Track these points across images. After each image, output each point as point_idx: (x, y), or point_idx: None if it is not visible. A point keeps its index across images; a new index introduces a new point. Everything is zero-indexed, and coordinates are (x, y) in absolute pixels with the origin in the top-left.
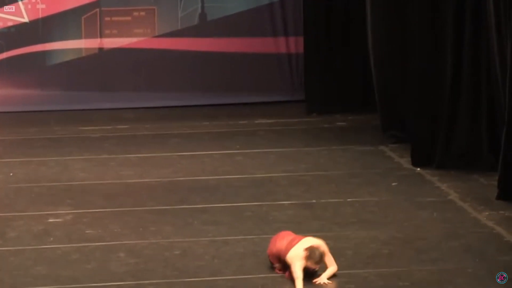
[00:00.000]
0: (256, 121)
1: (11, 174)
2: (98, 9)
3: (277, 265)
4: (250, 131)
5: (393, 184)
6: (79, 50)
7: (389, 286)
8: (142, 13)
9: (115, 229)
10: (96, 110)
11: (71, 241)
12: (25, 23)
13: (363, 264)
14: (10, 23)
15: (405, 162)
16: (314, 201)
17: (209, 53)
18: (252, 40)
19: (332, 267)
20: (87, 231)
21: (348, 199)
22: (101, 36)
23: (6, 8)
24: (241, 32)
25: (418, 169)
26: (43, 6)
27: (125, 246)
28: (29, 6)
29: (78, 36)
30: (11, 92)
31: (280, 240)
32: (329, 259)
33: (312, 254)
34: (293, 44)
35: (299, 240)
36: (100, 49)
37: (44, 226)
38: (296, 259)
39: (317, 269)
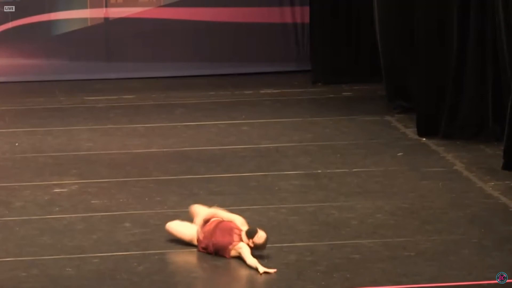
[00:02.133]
0: (262, 91)
1: (16, 144)
2: None
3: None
4: (256, 101)
5: (399, 154)
6: (85, 19)
7: (395, 256)
8: None
9: (120, 199)
10: (101, 80)
11: (77, 211)
12: None
13: (368, 234)
14: None
15: (411, 132)
16: (319, 171)
17: (215, 23)
18: (258, 9)
19: (252, 261)
20: (92, 201)
21: (354, 169)
22: (106, 6)
23: (6, 7)
24: (247, 1)
25: (424, 139)
26: None
27: (130, 216)
28: None
29: (84, 6)
30: (17, 62)
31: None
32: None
33: (257, 239)
34: (299, 14)
35: (232, 228)
36: (106, 18)
37: (50, 196)
38: (244, 249)
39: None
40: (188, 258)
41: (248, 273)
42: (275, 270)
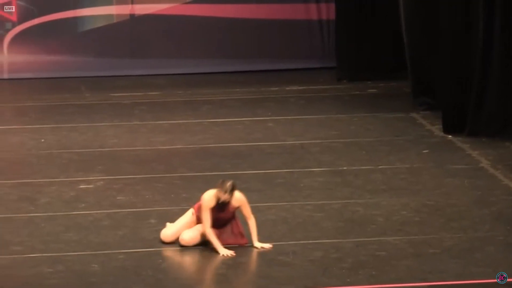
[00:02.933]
0: (287, 88)
1: (42, 140)
2: None
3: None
4: (281, 98)
5: (424, 151)
6: (110, 16)
7: (420, 253)
8: None
9: (146, 196)
10: (127, 76)
11: (102, 207)
12: None
13: (393, 231)
14: None
15: (436, 129)
16: (345, 168)
17: (240, 20)
18: (283, 6)
19: (252, 222)
20: (118, 198)
21: (379, 166)
22: (132, 3)
23: (6, 8)
24: None
25: (450, 136)
26: None
27: (156, 212)
28: None
29: (110, 3)
30: (42, 58)
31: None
32: (247, 210)
33: (222, 184)
34: (325, 11)
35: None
36: (131, 15)
37: (76, 192)
38: (204, 202)
39: (227, 200)
40: (213, 255)
41: (273, 270)
42: (270, 246)
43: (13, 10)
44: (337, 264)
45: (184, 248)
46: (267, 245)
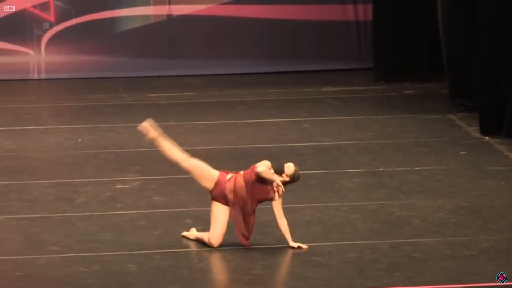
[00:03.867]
0: (323, 89)
1: (79, 140)
2: None
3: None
4: (317, 99)
5: (461, 152)
6: (148, 17)
7: (456, 255)
8: None
9: (182, 196)
10: (163, 77)
11: (138, 208)
12: None
13: (429, 233)
14: None
15: (473, 130)
16: (381, 169)
17: (277, 20)
18: (320, 7)
19: (284, 222)
20: (154, 198)
21: (415, 168)
22: (169, 3)
23: (6, 8)
24: None
25: (487, 137)
26: None
27: (192, 212)
28: None
29: (147, 3)
30: (79, 58)
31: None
32: (281, 207)
33: (288, 171)
34: (362, 12)
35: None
36: (169, 15)
37: (112, 193)
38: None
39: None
40: (249, 255)
41: (308, 271)
42: (306, 246)
43: (13, 10)
44: (372, 265)
45: (220, 248)
46: (304, 246)
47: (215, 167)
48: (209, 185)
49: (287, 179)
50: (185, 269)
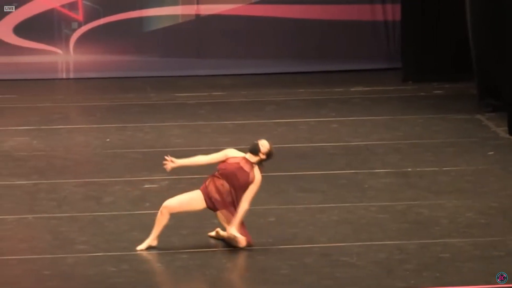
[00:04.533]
0: (352, 89)
1: (107, 139)
2: None
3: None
4: (346, 99)
5: (489, 153)
6: (176, 16)
7: (485, 256)
8: None
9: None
10: (192, 76)
11: None
12: None
13: (458, 233)
14: None
15: (502, 131)
16: (409, 169)
17: (305, 20)
18: (349, 7)
19: (243, 207)
20: None
21: (444, 168)
22: (198, 3)
23: (6, 7)
24: None
25: None
26: None
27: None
28: None
29: (175, 3)
30: (108, 58)
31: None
32: (250, 193)
33: (263, 149)
34: (390, 12)
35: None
36: (197, 15)
37: (140, 192)
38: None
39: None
40: (277, 255)
41: (337, 271)
42: (244, 242)
43: (13, 9)
44: (401, 265)
45: (248, 248)
46: (241, 237)
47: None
48: (202, 204)
49: (264, 157)
50: (213, 269)
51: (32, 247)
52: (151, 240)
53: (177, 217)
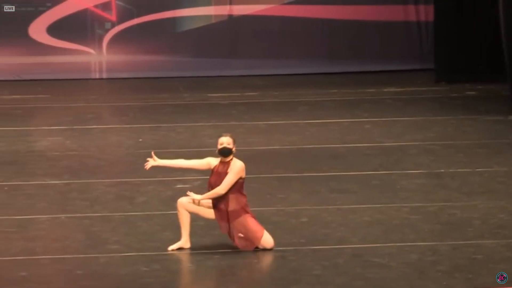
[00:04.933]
0: (385, 89)
1: (140, 139)
2: None
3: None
4: (379, 99)
5: None
6: (209, 16)
7: None
8: None
9: None
10: (225, 76)
11: None
12: None
13: (490, 235)
14: None
15: None
16: (442, 170)
17: (338, 21)
18: (381, 8)
19: (217, 190)
20: None
21: (477, 169)
22: (230, 3)
23: (6, 7)
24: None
25: None
26: None
27: (252, 212)
28: None
29: (208, 3)
30: (141, 58)
31: None
32: (228, 178)
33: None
34: (423, 12)
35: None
36: (230, 16)
37: (172, 192)
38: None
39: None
40: (309, 255)
41: (369, 272)
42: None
43: (13, 9)
44: (433, 267)
45: (280, 248)
46: (195, 196)
47: (276, 167)
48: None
49: (234, 147)
50: (245, 269)
51: (64, 246)
52: (184, 242)
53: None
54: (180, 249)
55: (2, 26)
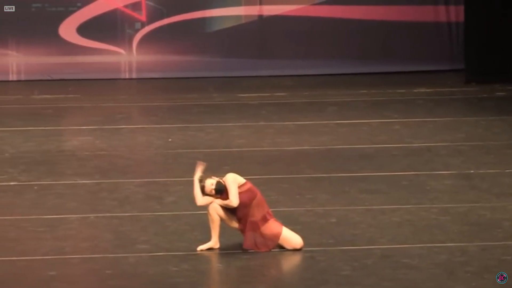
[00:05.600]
0: (414, 90)
1: (169, 139)
2: None
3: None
4: (408, 100)
5: None
6: (239, 17)
7: None
8: None
9: (271, 196)
10: (254, 77)
11: None
12: None
13: None
14: None
15: None
16: (471, 171)
17: (368, 21)
18: (412, 8)
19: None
20: None
21: (506, 170)
22: (260, 4)
23: (6, 7)
24: (400, 0)
25: None
26: None
27: (281, 213)
28: None
29: (238, 3)
30: (171, 58)
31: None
32: (228, 190)
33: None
34: (453, 13)
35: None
36: (260, 16)
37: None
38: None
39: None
40: (338, 256)
41: (398, 272)
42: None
43: (13, 10)
44: (462, 268)
45: (309, 249)
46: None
47: (305, 167)
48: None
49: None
50: (273, 269)
51: (94, 246)
52: (213, 243)
53: None
54: (209, 249)
55: (32, 26)
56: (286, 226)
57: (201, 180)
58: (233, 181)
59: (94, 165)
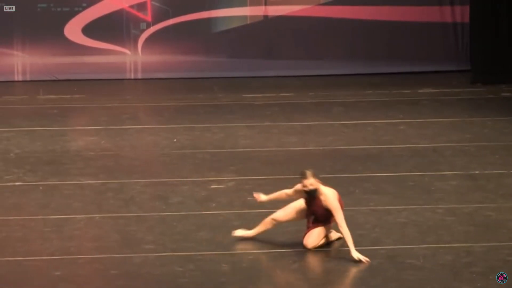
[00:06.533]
0: (420, 90)
1: (175, 140)
2: None
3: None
4: (414, 100)
5: None
6: (244, 17)
7: None
8: None
9: None
10: (260, 77)
11: (233, 208)
12: None
13: None
14: None
15: None
16: (477, 172)
17: (373, 21)
18: (417, 9)
19: (343, 231)
20: (249, 198)
21: None
22: (266, 4)
23: (6, 7)
24: (405, 0)
25: None
26: None
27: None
28: None
29: (244, 4)
30: (176, 58)
31: None
32: (333, 209)
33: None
34: (459, 13)
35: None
36: (265, 16)
37: (207, 192)
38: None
39: (307, 186)
40: (344, 256)
41: (404, 273)
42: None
43: (13, 9)
44: (468, 268)
45: (314, 250)
46: (364, 259)
47: (311, 167)
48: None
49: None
50: (279, 270)
51: (99, 246)
52: (252, 233)
53: (244, 218)
54: (242, 238)
55: (37, 26)
56: (290, 227)
57: (304, 174)
58: (336, 200)
59: (100, 165)
